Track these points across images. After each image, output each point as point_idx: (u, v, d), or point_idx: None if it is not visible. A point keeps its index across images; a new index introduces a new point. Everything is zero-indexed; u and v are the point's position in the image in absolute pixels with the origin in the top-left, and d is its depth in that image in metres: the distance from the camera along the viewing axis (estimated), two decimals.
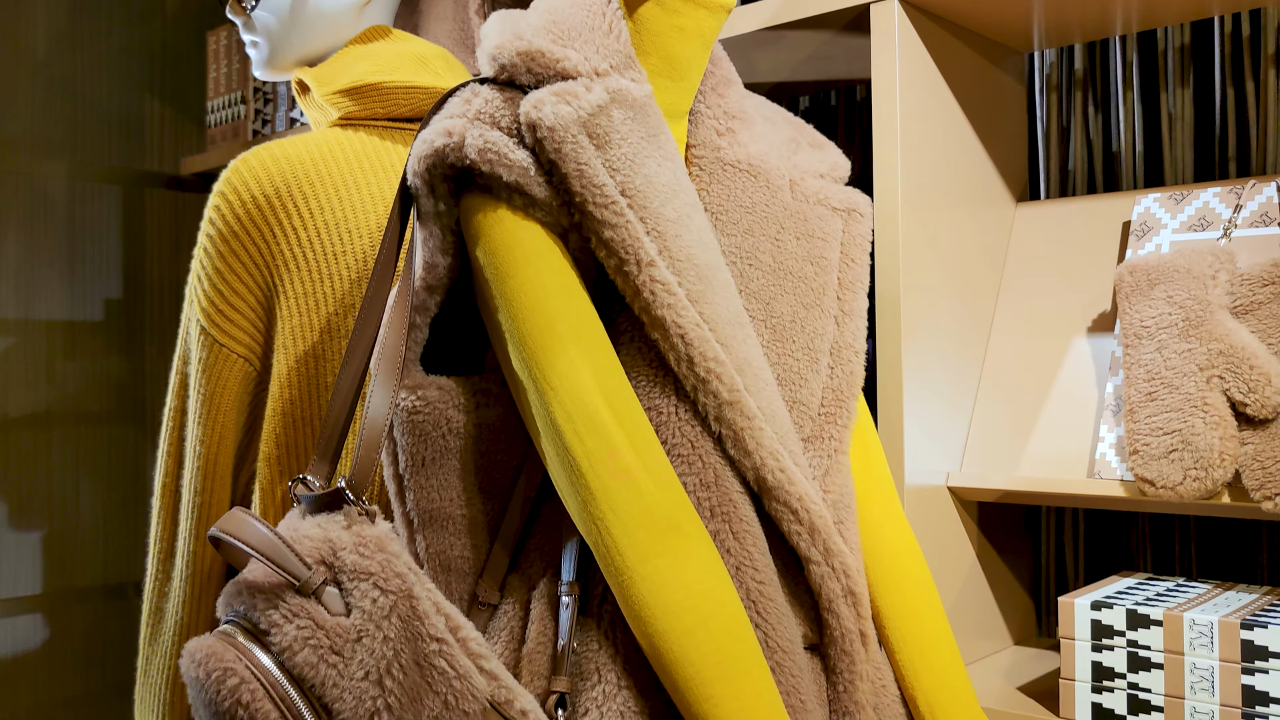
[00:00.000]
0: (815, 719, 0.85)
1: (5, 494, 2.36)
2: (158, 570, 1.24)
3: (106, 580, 2.52)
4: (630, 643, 0.83)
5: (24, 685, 2.43)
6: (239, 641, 0.75)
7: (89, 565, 2.48)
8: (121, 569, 2.55)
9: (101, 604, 2.51)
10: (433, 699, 0.76)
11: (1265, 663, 0.95)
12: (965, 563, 1.26)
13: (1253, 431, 1.02)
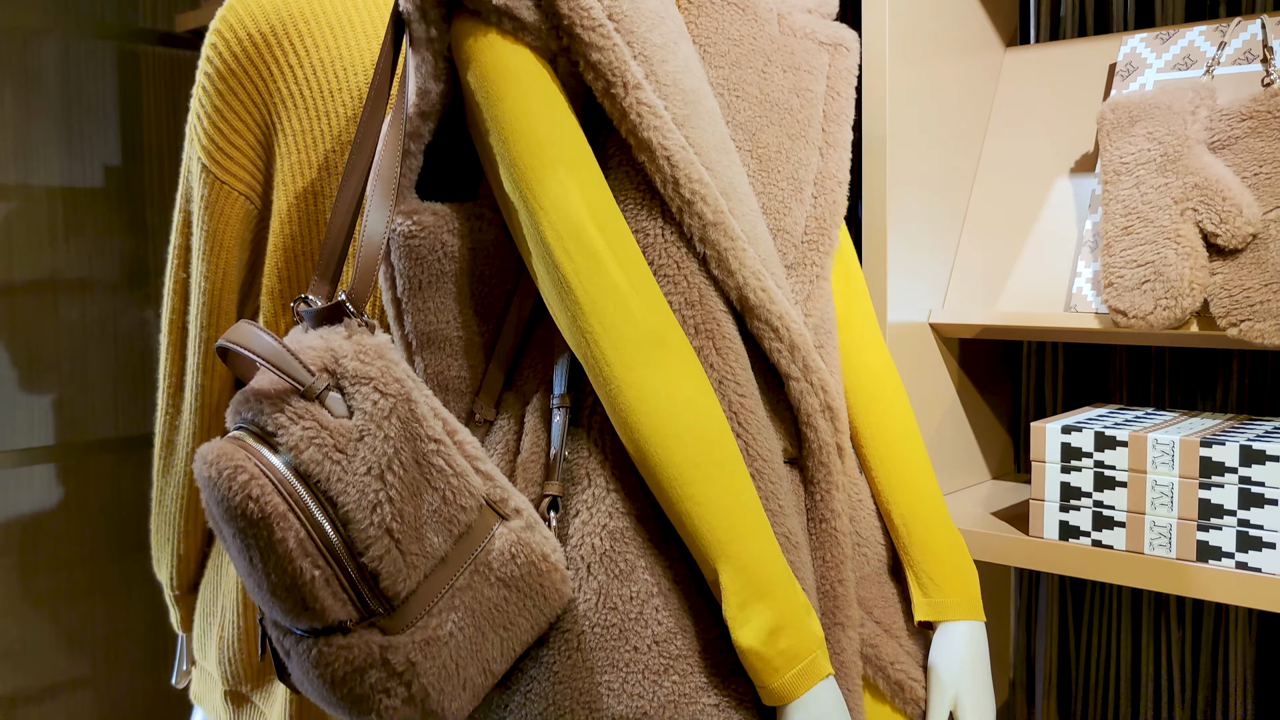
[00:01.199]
0: (793, 524, 0.90)
1: (14, 358, 2.41)
2: (168, 404, 1.29)
3: (118, 433, 2.58)
4: (618, 450, 0.88)
5: (43, 539, 2.52)
6: (248, 444, 0.80)
7: (99, 421, 2.55)
8: (132, 424, 2.62)
9: (114, 456, 2.58)
10: (431, 494, 0.81)
11: (1221, 477, 1.00)
12: (945, 399, 1.30)
13: (1223, 262, 1.05)
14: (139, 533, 2.67)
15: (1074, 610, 1.41)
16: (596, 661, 0.84)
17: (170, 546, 1.33)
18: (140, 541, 2.68)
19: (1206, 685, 1.32)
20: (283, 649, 0.84)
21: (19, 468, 2.41)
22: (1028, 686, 1.47)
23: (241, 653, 1.27)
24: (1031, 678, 1.46)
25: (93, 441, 2.53)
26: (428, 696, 0.80)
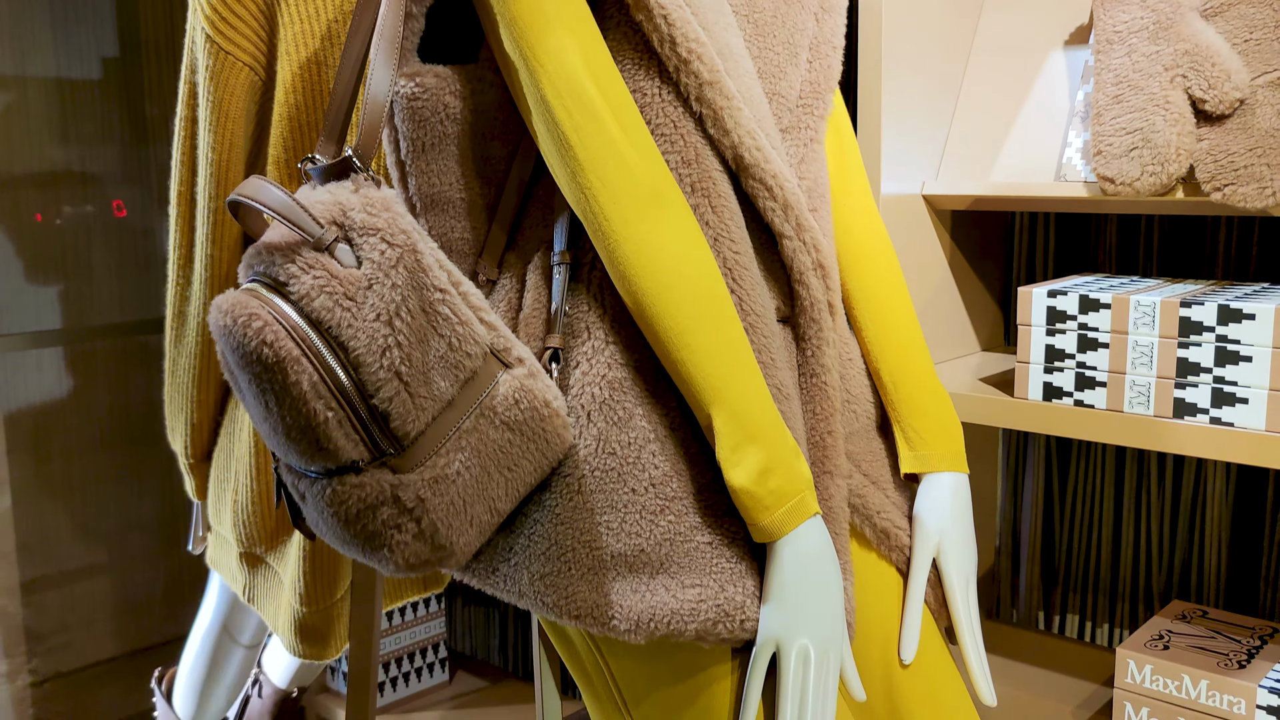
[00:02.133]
0: (784, 377, 0.94)
1: (19, 249, 2.44)
2: (178, 276, 1.32)
3: (124, 318, 2.61)
4: (617, 304, 0.91)
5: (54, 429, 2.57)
6: (261, 294, 0.83)
7: (104, 309, 2.58)
8: (136, 311, 2.65)
9: (120, 340, 2.62)
10: (437, 341, 0.84)
11: (1199, 336, 1.04)
12: (937, 271, 1.33)
13: (1210, 128, 1.07)
14: (147, 423, 2.72)
15: (1059, 476, 1.46)
16: (596, 503, 0.89)
17: (184, 416, 1.38)
18: (149, 431, 2.74)
19: (1183, 548, 1.38)
20: (298, 493, 0.88)
21: (27, 350, 2.44)
22: (1013, 553, 1.52)
23: (255, 516, 1.32)
24: (1016, 543, 1.52)
25: (99, 327, 2.56)
26: (437, 531, 0.84)
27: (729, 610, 0.87)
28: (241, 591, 1.41)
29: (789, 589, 0.87)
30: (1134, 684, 1.12)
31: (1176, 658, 1.11)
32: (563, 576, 0.89)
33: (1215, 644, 1.14)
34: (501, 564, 0.93)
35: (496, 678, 2.17)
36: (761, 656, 0.88)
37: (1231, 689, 1.07)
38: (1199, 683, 1.08)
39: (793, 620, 0.87)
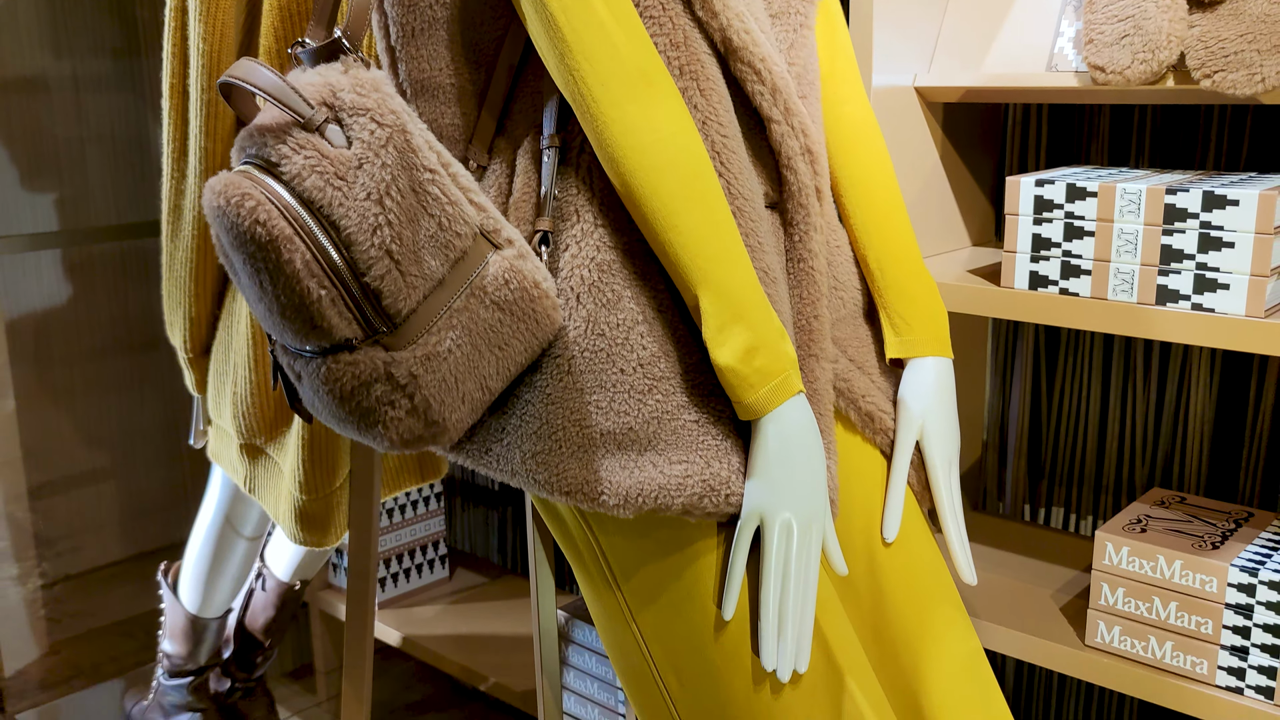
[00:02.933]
0: (771, 261, 0.96)
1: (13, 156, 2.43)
2: (173, 169, 1.32)
3: (120, 220, 2.62)
4: (605, 187, 0.92)
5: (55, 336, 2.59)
6: (254, 175, 0.84)
7: (100, 212, 2.58)
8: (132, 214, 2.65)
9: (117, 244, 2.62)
10: (428, 220, 0.85)
11: (1183, 223, 1.05)
12: (928, 165, 1.34)
13: (1201, 14, 1.07)
14: (147, 330, 2.74)
15: (1047, 371, 1.48)
16: (586, 383, 0.91)
17: (182, 310, 1.39)
18: (149, 339, 2.76)
19: (1167, 439, 1.40)
20: (294, 373, 0.90)
21: (26, 253, 2.45)
22: (1000, 447, 1.55)
23: (254, 407, 1.35)
24: (1004, 438, 1.54)
25: (96, 229, 2.56)
26: (429, 408, 0.86)
27: (714, 485, 0.90)
28: (243, 482, 1.45)
29: (773, 465, 0.89)
30: (1111, 565, 1.16)
31: (1153, 540, 1.14)
32: (554, 455, 0.91)
33: (1191, 527, 1.17)
34: (494, 444, 0.95)
35: (495, 574, 2.22)
36: (746, 530, 0.90)
37: (1204, 568, 1.10)
38: (1173, 563, 1.11)
39: (776, 494, 0.89)
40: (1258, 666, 1.08)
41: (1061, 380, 1.48)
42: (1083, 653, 1.18)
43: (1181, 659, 1.13)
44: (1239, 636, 1.09)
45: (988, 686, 1.05)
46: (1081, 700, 1.54)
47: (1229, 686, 1.10)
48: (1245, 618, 1.08)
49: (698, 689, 0.94)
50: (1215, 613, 1.10)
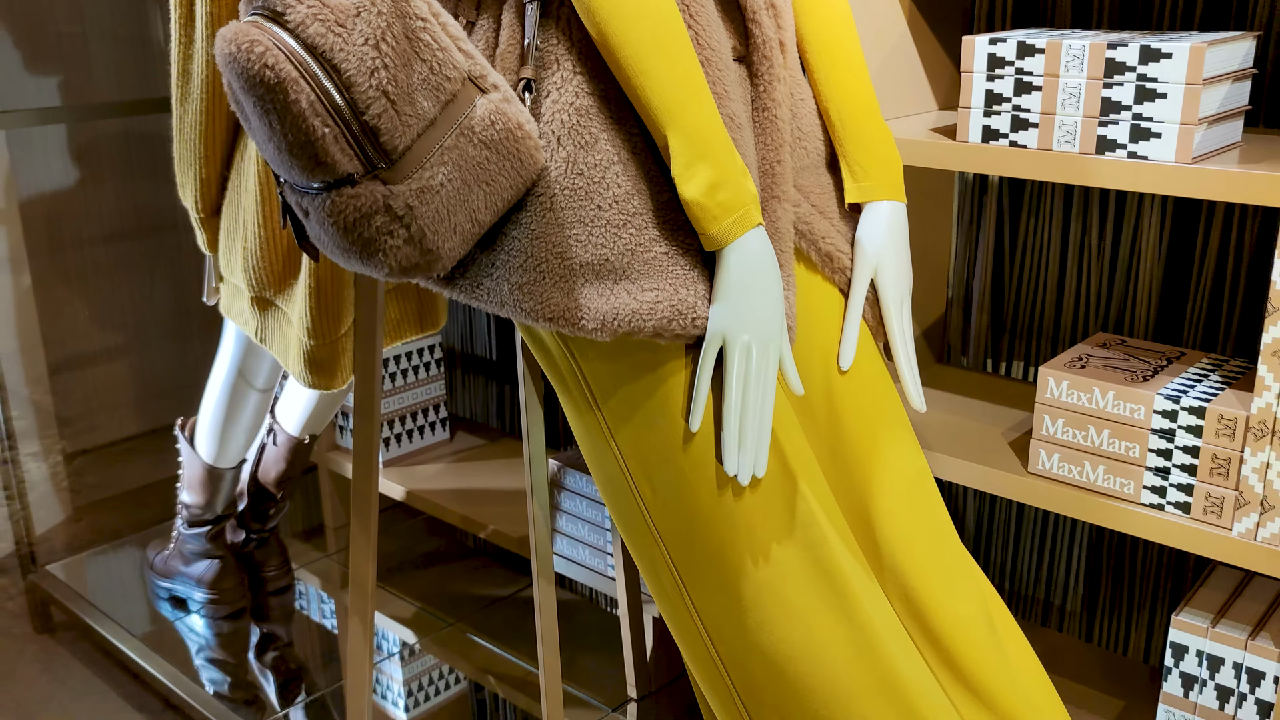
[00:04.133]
0: (737, 109, 1.04)
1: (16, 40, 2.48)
2: (180, 35, 1.40)
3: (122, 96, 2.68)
4: (584, 38, 1.00)
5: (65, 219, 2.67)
6: (262, 24, 0.92)
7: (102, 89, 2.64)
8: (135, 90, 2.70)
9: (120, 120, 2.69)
10: (420, 65, 0.94)
11: (1121, 77, 1.13)
12: (896, 30, 1.41)
13: None
14: (154, 214, 2.82)
15: (1010, 230, 1.57)
16: (566, 219, 1.00)
17: (193, 171, 1.48)
18: (157, 223, 2.84)
19: (1120, 292, 1.50)
20: (301, 210, 1.00)
21: (31, 127, 2.52)
22: (964, 303, 1.65)
23: (264, 261, 1.44)
24: (968, 295, 1.64)
25: (99, 104, 2.63)
26: (424, 237, 0.96)
27: (682, 310, 1.00)
28: (254, 333, 1.55)
29: (734, 291, 0.99)
30: (1052, 399, 1.26)
31: (1090, 374, 1.25)
32: (538, 285, 1.01)
33: (1127, 364, 1.28)
34: (485, 279, 1.05)
35: (494, 437, 2.35)
36: (710, 350, 1.01)
37: (1133, 398, 1.20)
38: (1107, 394, 1.22)
39: (737, 318, 1.00)
40: (1177, 485, 1.19)
41: (1023, 238, 1.57)
42: (1025, 479, 1.30)
43: (1112, 481, 1.24)
44: (1161, 459, 1.20)
45: (931, 500, 1.16)
46: (1035, 530, 1.67)
47: (1152, 504, 1.22)
48: (1167, 441, 1.19)
49: (668, 496, 1.06)
50: (1142, 438, 1.21)
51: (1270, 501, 1.13)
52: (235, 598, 2.04)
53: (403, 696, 1.87)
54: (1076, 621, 1.67)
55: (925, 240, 1.57)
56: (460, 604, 2.13)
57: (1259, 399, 1.11)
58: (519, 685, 1.88)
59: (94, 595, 2.15)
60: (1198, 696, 1.24)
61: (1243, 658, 1.19)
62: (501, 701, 1.85)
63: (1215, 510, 1.17)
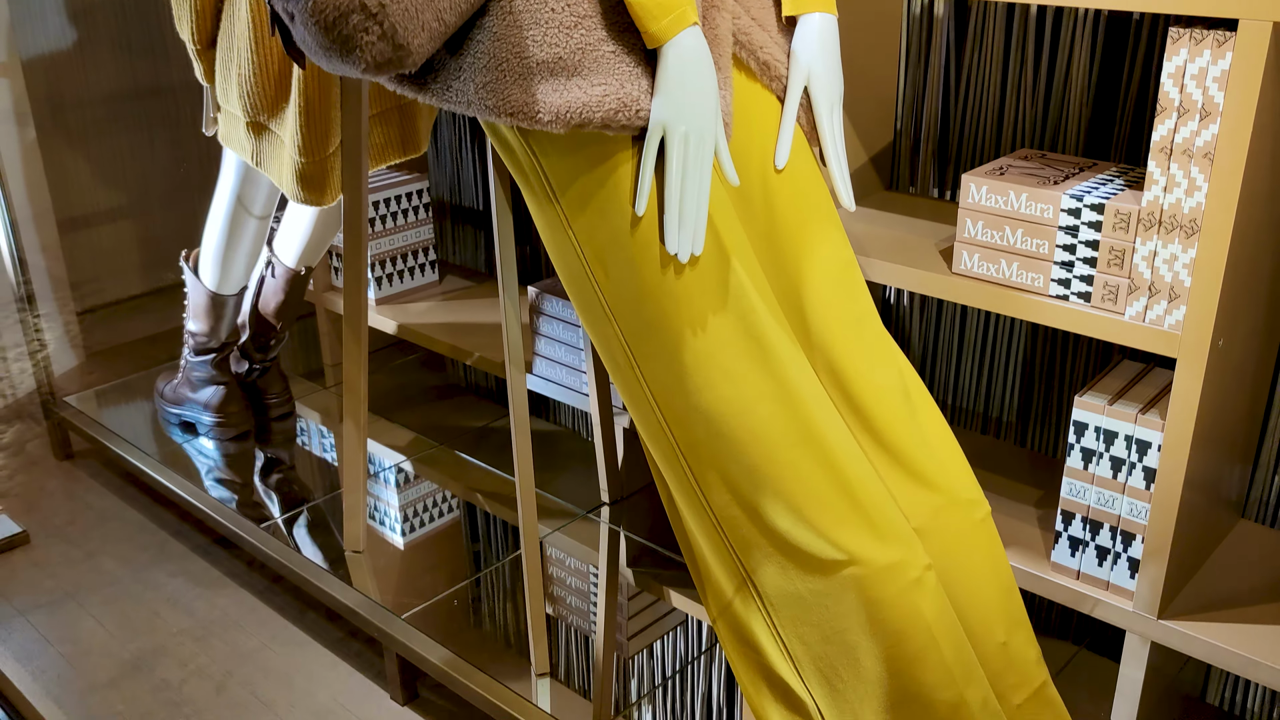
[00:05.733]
0: None
1: None
2: None
3: None
4: None
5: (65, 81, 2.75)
6: None
7: None
8: None
9: None
10: None
11: None
12: None
13: None
14: (150, 74, 2.90)
15: (955, 62, 1.69)
16: (524, 21, 1.12)
17: (188, 4, 1.59)
18: (154, 84, 2.92)
19: (1055, 113, 1.62)
20: (287, 14, 1.12)
21: None
22: (913, 134, 1.77)
23: (258, 86, 1.56)
24: (917, 125, 1.76)
25: None
26: (396, 33, 1.08)
27: (627, 102, 1.12)
28: (250, 157, 1.68)
29: (672, 85, 1.12)
30: (974, 203, 1.40)
31: (1008, 179, 1.37)
32: (500, 83, 1.14)
33: (1042, 172, 1.40)
34: (454, 81, 1.17)
35: (481, 279, 2.49)
36: (652, 138, 1.14)
37: (1043, 199, 1.34)
38: (1020, 195, 1.35)
39: (675, 110, 1.12)
40: (1080, 276, 1.33)
41: (968, 70, 1.68)
42: (950, 278, 1.44)
43: (1025, 276, 1.38)
44: (1067, 253, 1.33)
45: (857, 287, 1.30)
46: (975, 347, 1.82)
47: (1058, 295, 1.36)
48: (1072, 237, 1.32)
49: (619, 277, 1.20)
50: (1050, 235, 1.34)
51: (1156, 286, 1.27)
52: (240, 421, 2.20)
53: (396, 513, 2.04)
54: (1012, 431, 1.82)
55: (873, 72, 1.68)
56: (450, 434, 2.30)
57: (1148, 193, 1.24)
58: (507, 502, 2.05)
59: (110, 424, 2.32)
60: (1095, 468, 1.39)
61: (1133, 430, 1.35)
62: (490, 517, 2.02)
63: (1111, 298, 1.31)
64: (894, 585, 1.17)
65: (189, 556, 2.11)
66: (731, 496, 1.22)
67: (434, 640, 1.62)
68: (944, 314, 1.82)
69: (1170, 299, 1.26)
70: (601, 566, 1.85)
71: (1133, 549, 1.39)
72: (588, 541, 1.91)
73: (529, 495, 1.51)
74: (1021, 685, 1.26)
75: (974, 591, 1.26)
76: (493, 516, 1.99)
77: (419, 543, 1.93)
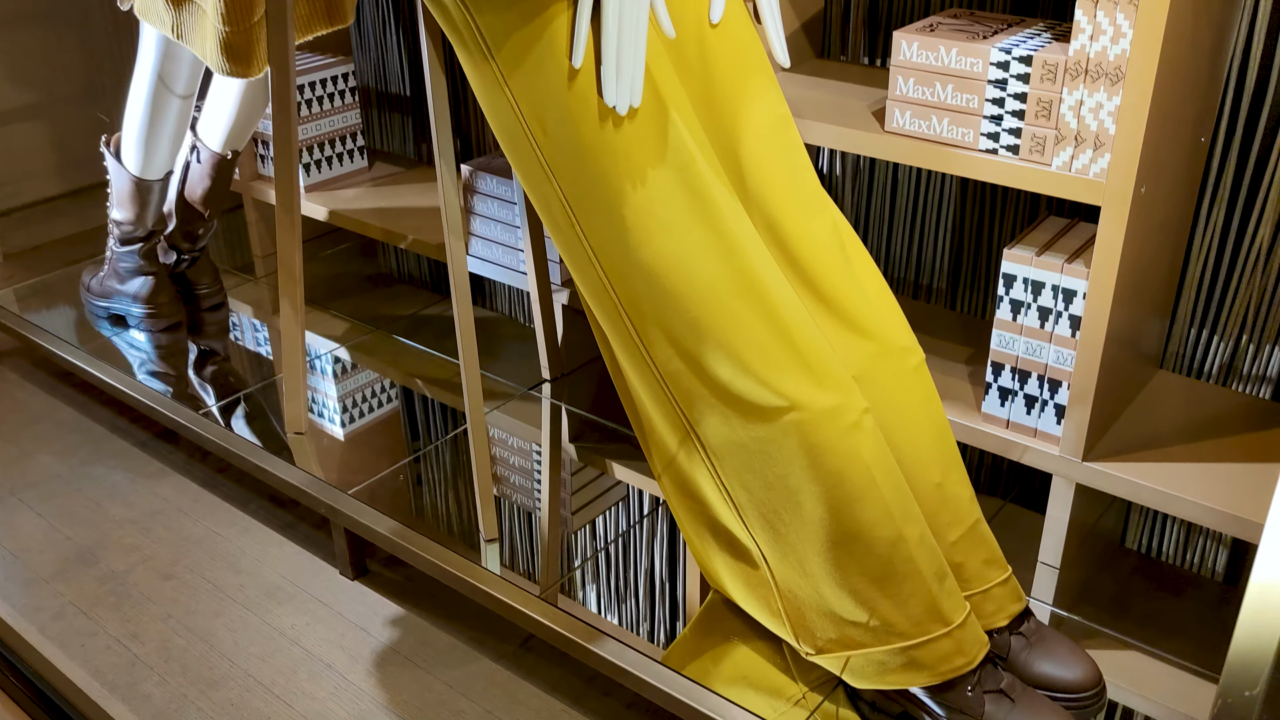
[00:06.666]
0: None
1: None
2: None
3: None
4: None
5: None
6: None
7: None
8: None
9: None
10: None
11: None
12: None
13: None
14: None
15: None
16: None
17: None
18: None
19: None
20: None
21: None
22: (844, 0, 1.77)
23: None
24: None
25: None
26: None
27: None
28: (170, 30, 1.63)
29: None
30: (905, 60, 1.41)
31: (939, 35, 1.39)
32: None
33: (972, 28, 1.42)
34: None
35: (411, 165, 2.46)
36: None
37: (973, 53, 1.35)
38: (950, 50, 1.37)
39: None
40: (1008, 129, 1.36)
41: None
42: (882, 136, 1.46)
43: (955, 131, 1.40)
44: (995, 107, 1.36)
45: (793, 143, 1.32)
46: (906, 214, 1.85)
47: (987, 149, 1.39)
48: (1000, 90, 1.35)
49: (557, 133, 1.20)
50: (979, 89, 1.36)
51: (1082, 136, 1.30)
52: (171, 311, 2.17)
53: (336, 399, 2.04)
54: (943, 297, 1.87)
55: None
56: (385, 321, 2.29)
57: (1074, 42, 1.27)
58: (446, 385, 2.05)
59: (36, 321, 2.27)
60: (1023, 319, 1.44)
61: (1059, 280, 1.39)
62: (429, 400, 2.03)
63: (1039, 149, 1.34)
64: (833, 429, 1.21)
65: (128, 451, 2.10)
66: (674, 350, 1.24)
67: (382, 513, 1.64)
68: (875, 181, 1.85)
69: (1095, 147, 1.29)
70: (544, 441, 1.88)
71: (1059, 395, 1.44)
72: (529, 419, 1.93)
73: (472, 362, 1.52)
74: (955, 523, 1.31)
75: (909, 435, 1.30)
76: (431, 400, 2.00)
77: (360, 426, 1.93)
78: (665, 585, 1.57)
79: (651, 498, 1.74)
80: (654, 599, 1.55)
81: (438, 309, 2.34)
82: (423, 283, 2.47)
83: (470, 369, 1.52)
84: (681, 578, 1.59)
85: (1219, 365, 1.63)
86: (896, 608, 1.23)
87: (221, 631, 1.66)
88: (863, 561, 1.23)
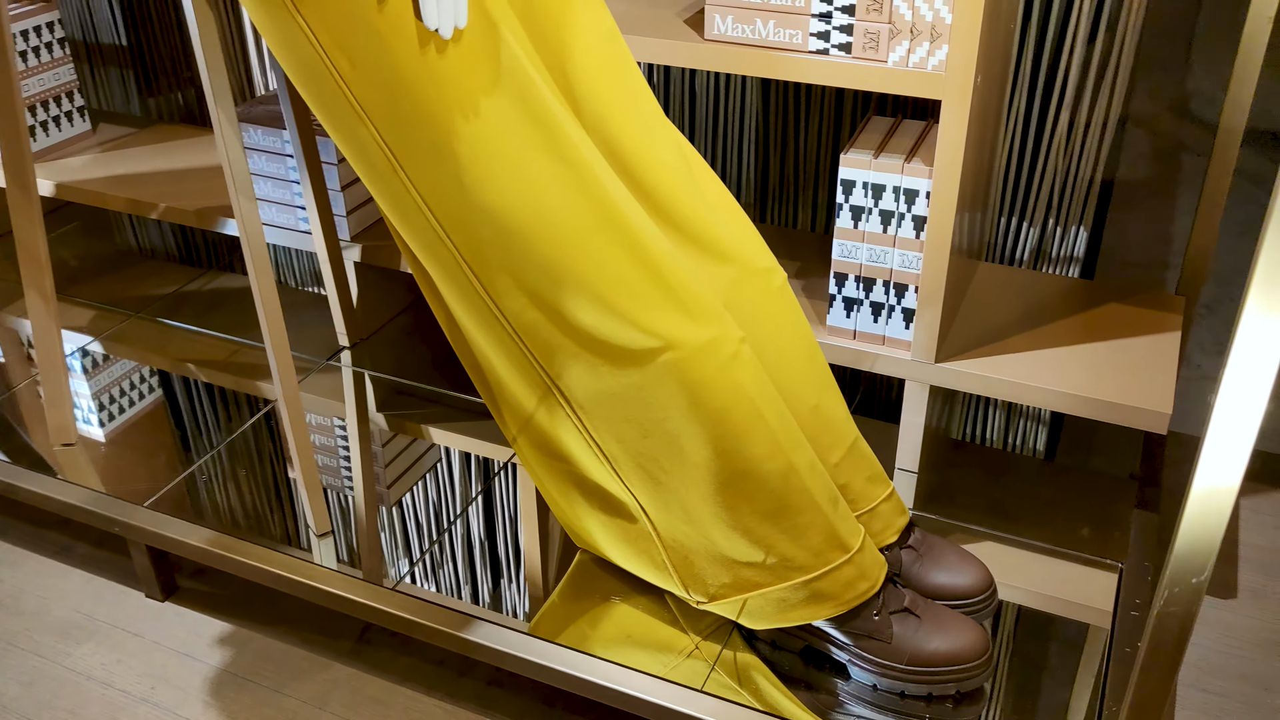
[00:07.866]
0: None
1: None
2: None
3: None
4: None
5: None
6: None
7: None
8: None
9: None
10: None
11: None
12: None
13: None
14: None
15: None
16: None
17: None
18: None
19: None
20: None
21: None
22: None
23: None
24: None
25: None
26: None
27: None
28: None
29: None
30: None
31: None
32: None
33: None
34: None
35: (141, 124, 2.17)
36: None
37: None
38: None
39: None
40: (839, 27, 1.29)
41: None
42: (703, 45, 1.36)
43: (782, 34, 1.32)
44: (824, 4, 1.29)
45: (624, 58, 1.20)
46: (707, 129, 1.77)
47: (817, 50, 1.32)
48: None
49: (368, 64, 1.03)
50: None
51: (918, 28, 1.25)
52: None
53: (98, 399, 1.78)
54: (753, 211, 1.81)
55: None
56: (140, 304, 2.02)
57: None
58: (226, 366, 1.83)
59: None
60: (865, 225, 1.39)
61: (900, 180, 1.35)
62: (211, 386, 1.80)
63: (873, 45, 1.28)
64: (712, 363, 1.12)
65: None
66: (528, 299, 1.12)
67: (191, 523, 1.44)
68: (671, 94, 1.76)
69: (932, 39, 1.25)
70: (350, 414, 1.70)
71: (906, 299, 1.41)
72: (330, 393, 1.75)
73: (280, 337, 1.34)
74: (836, 444, 1.26)
75: (782, 359, 1.23)
76: (216, 386, 1.78)
77: (135, 425, 1.69)
78: (516, 553, 1.45)
79: (479, 459, 1.60)
80: (508, 568, 1.43)
81: (197, 284, 2.09)
82: (171, 256, 2.20)
83: (279, 345, 1.34)
84: (539, 542, 1.47)
85: (1029, 250, 1.66)
86: (793, 541, 1.17)
87: (14, 689, 1.41)
88: (754, 499, 1.16)
